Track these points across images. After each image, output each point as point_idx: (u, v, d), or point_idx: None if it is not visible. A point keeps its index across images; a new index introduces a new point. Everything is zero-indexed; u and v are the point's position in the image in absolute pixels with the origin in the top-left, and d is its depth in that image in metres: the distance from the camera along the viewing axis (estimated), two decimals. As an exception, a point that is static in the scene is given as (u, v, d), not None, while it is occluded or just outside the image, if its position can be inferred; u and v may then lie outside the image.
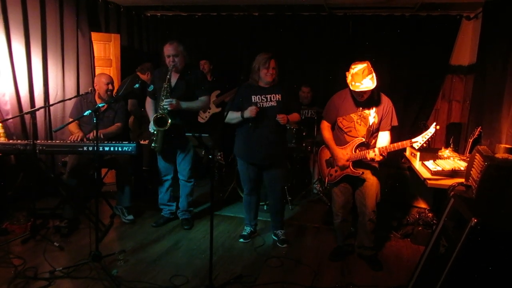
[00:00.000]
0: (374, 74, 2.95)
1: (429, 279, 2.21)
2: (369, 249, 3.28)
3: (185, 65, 3.66)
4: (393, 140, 3.11)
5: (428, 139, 2.84)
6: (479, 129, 3.85)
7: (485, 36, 4.38)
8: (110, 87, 3.93)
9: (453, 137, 4.40)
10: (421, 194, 4.69)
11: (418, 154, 3.80)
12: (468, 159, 3.26)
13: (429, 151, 4.03)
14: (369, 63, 2.98)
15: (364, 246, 3.29)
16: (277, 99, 3.38)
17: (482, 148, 2.75)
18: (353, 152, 3.13)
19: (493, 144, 3.35)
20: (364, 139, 3.09)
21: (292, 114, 3.45)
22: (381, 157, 2.98)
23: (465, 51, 5.24)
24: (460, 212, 2.14)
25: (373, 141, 3.12)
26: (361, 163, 3.13)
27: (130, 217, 3.99)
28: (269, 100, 3.38)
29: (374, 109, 3.08)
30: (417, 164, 3.74)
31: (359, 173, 3.12)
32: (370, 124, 3.07)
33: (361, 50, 5.30)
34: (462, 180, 2.88)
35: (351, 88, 3.00)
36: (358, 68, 2.95)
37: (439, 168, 3.37)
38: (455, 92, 5.41)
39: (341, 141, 3.23)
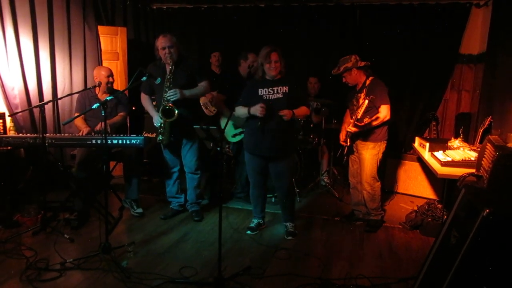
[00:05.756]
0: (348, 65, 3.58)
1: (439, 270, 2.20)
2: (365, 214, 3.88)
3: (179, 56, 3.66)
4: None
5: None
6: (489, 118, 3.80)
7: (495, 24, 4.31)
8: (110, 79, 3.95)
9: (462, 127, 4.36)
10: (430, 185, 4.67)
11: (427, 144, 3.77)
12: (478, 149, 3.23)
13: (439, 141, 4.01)
14: (356, 56, 3.60)
15: (363, 211, 3.93)
16: (283, 91, 3.35)
17: (493, 138, 2.72)
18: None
19: (504, 134, 3.31)
20: (358, 116, 3.49)
21: (300, 108, 3.38)
22: (354, 128, 3.51)
23: (475, 39, 5.14)
24: (471, 202, 2.12)
25: (366, 118, 3.49)
26: (360, 139, 3.68)
27: (140, 210, 4.01)
28: (275, 92, 3.35)
29: (364, 91, 3.55)
30: (426, 155, 3.71)
31: (345, 144, 3.71)
32: (360, 104, 3.47)
33: (369, 40, 5.24)
34: (473, 170, 2.85)
35: None
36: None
37: (449, 159, 3.34)
38: (464, 81, 5.31)
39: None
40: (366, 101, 3.37)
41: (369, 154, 3.65)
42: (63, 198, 3.87)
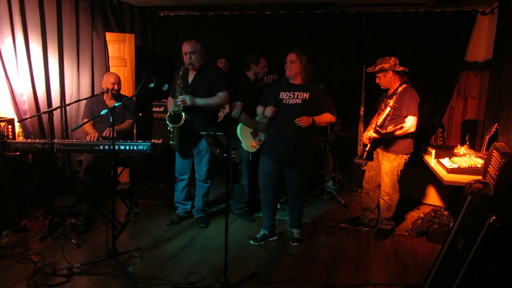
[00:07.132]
0: (385, 66, 3.53)
1: (446, 277, 2.19)
2: (371, 220, 3.93)
3: (203, 63, 3.68)
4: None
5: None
6: (495, 125, 3.79)
7: (501, 32, 4.30)
8: (116, 86, 3.99)
9: (468, 134, 4.35)
10: (436, 192, 4.66)
11: (433, 151, 3.77)
12: (484, 156, 3.23)
13: (445, 148, 4.00)
14: (395, 59, 3.60)
15: (369, 216, 3.96)
16: (303, 97, 3.33)
17: (500, 145, 2.72)
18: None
19: (510, 141, 3.30)
20: (378, 122, 3.48)
21: (323, 114, 3.34)
22: (375, 134, 3.46)
23: (480, 47, 5.15)
24: (478, 209, 2.12)
25: (390, 126, 3.43)
26: (382, 148, 3.63)
27: (136, 210, 4.16)
28: (295, 97, 3.35)
29: (393, 98, 3.50)
30: (432, 162, 3.71)
31: (366, 148, 3.66)
32: (388, 111, 3.46)
33: (374, 47, 5.26)
34: (479, 177, 2.85)
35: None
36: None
37: (455, 166, 3.34)
38: (470, 88, 5.32)
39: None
40: (388, 109, 3.35)
41: (390, 165, 3.59)
42: (70, 203, 3.90)
